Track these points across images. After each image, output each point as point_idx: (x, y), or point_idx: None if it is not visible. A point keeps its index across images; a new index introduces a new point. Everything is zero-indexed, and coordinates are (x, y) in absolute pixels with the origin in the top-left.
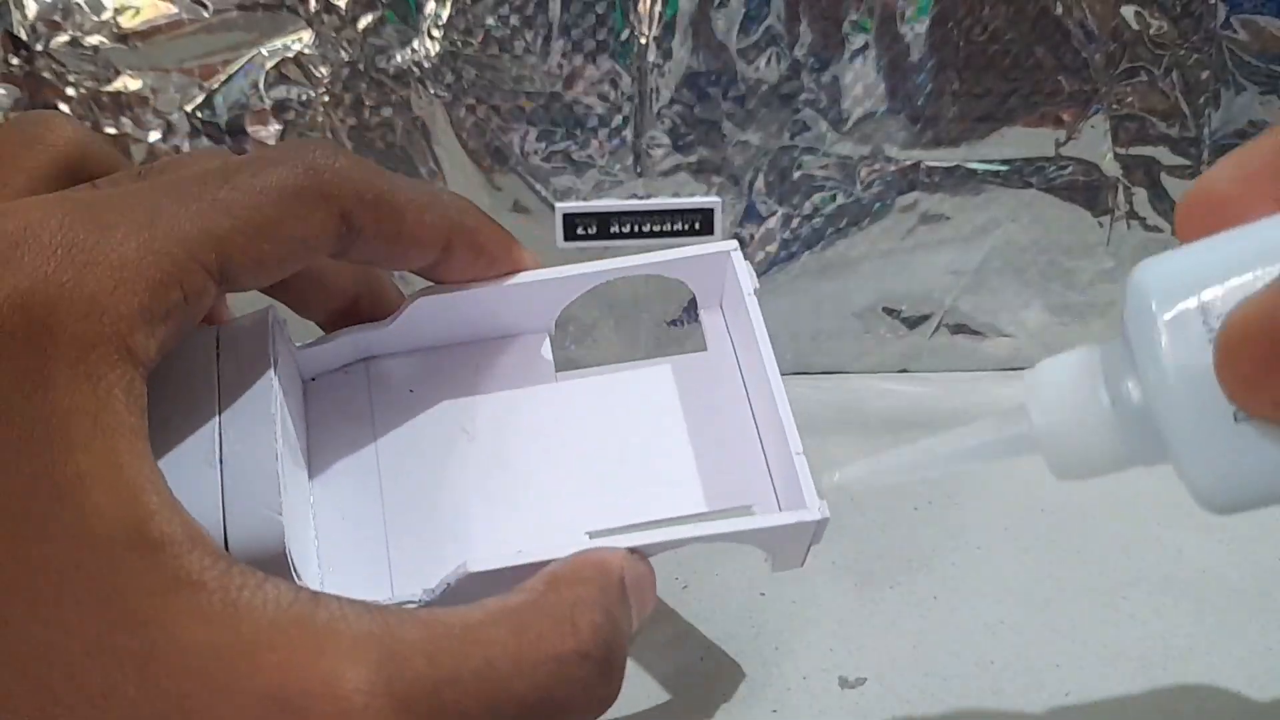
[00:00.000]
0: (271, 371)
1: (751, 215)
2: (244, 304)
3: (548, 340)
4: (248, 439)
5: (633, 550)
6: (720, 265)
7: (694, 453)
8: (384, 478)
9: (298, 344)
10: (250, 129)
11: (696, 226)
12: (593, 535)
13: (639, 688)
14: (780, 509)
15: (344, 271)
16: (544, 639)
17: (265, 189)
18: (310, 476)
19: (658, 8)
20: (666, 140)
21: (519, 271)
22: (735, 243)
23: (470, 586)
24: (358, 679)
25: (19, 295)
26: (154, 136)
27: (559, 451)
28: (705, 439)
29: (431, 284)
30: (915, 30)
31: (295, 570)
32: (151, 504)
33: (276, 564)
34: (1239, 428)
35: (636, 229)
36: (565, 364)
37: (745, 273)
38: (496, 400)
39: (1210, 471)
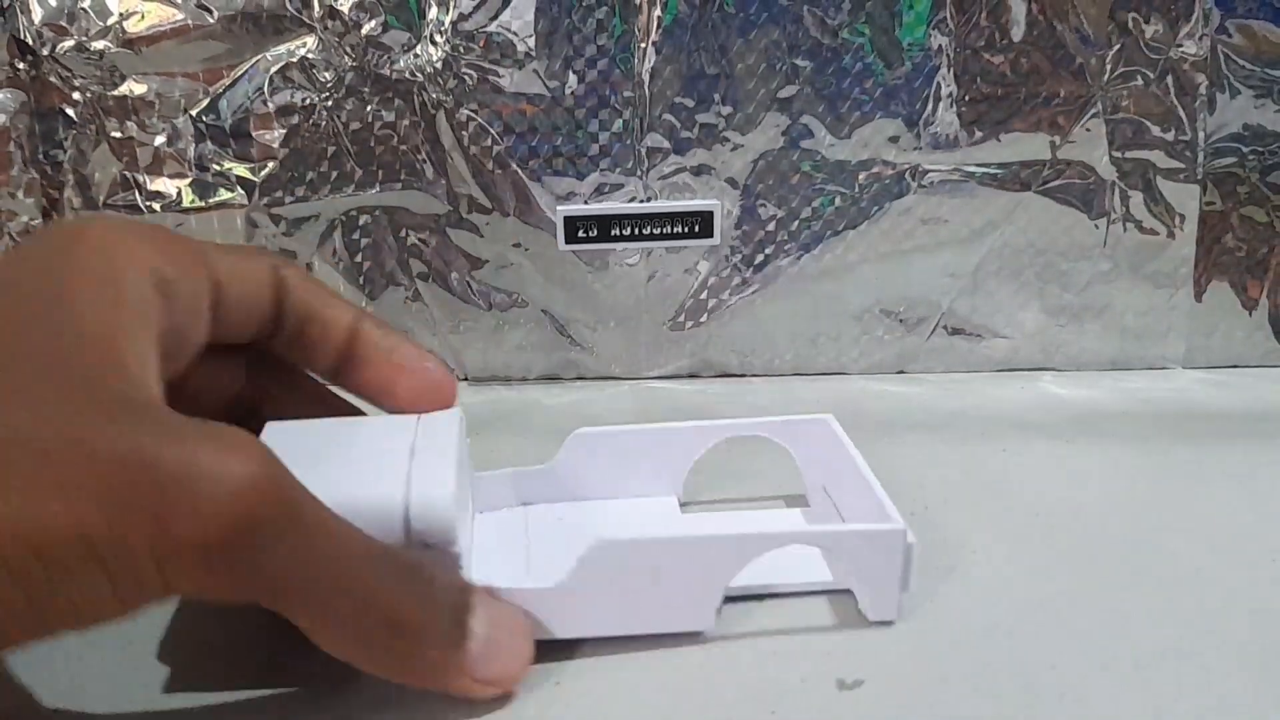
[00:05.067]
0: (457, 430)
1: (751, 218)
2: None
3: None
4: (433, 453)
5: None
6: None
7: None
8: (530, 546)
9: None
10: (255, 133)
11: (696, 229)
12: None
13: (637, 690)
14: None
15: (335, 325)
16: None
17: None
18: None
19: (657, 12)
20: (666, 144)
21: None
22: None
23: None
24: (251, 460)
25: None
26: (159, 140)
27: None
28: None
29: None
30: (913, 35)
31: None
32: (125, 346)
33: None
34: None
35: (637, 231)
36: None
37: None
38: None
39: None
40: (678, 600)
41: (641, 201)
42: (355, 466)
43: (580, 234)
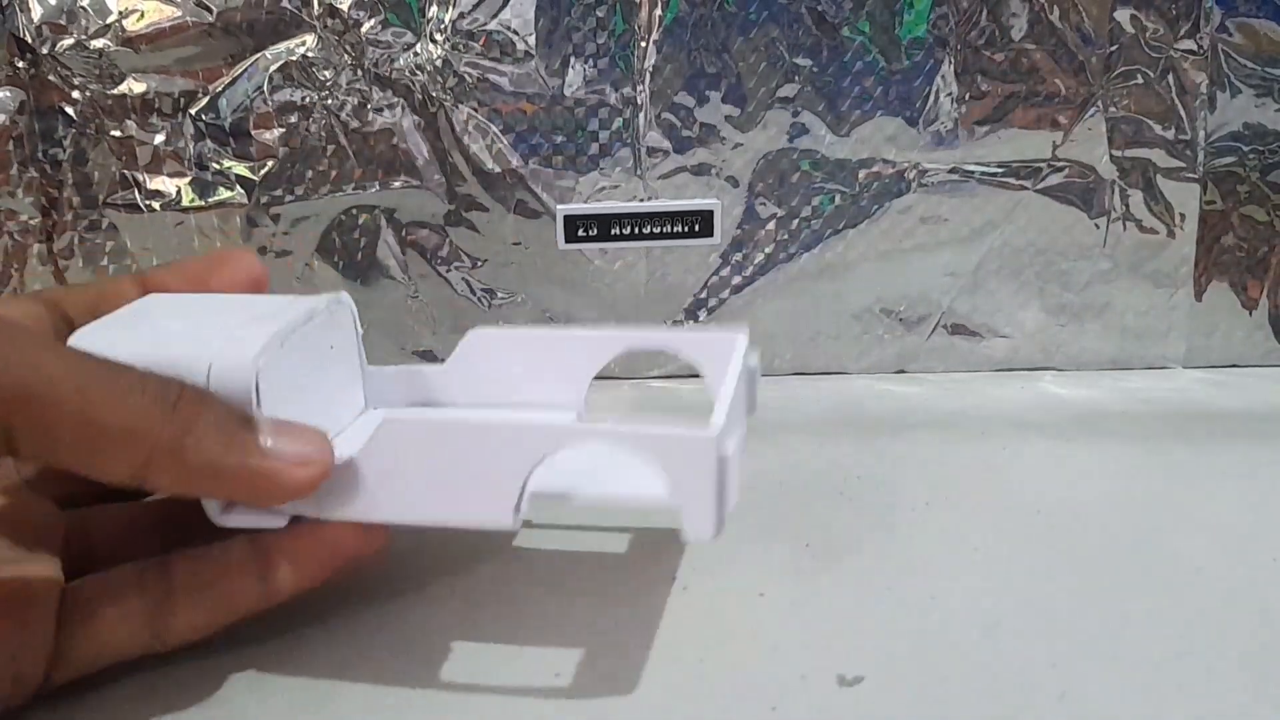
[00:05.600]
0: (312, 305)
1: (750, 217)
2: None
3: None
4: (271, 321)
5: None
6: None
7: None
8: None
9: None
10: (254, 132)
11: (696, 228)
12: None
13: (637, 685)
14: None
15: None
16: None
17: None
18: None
19: (658, 11)
20: (666, 143)
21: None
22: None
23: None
24: None
25: None
26: (159, 139)
27: None
28: None
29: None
30: (913, 33)
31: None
32: None
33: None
34: None
35: (637, 231)
36: None
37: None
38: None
39: None
40: (475, 491)
41: (641, 201)
42: (186, 327)
43: (580, 233)
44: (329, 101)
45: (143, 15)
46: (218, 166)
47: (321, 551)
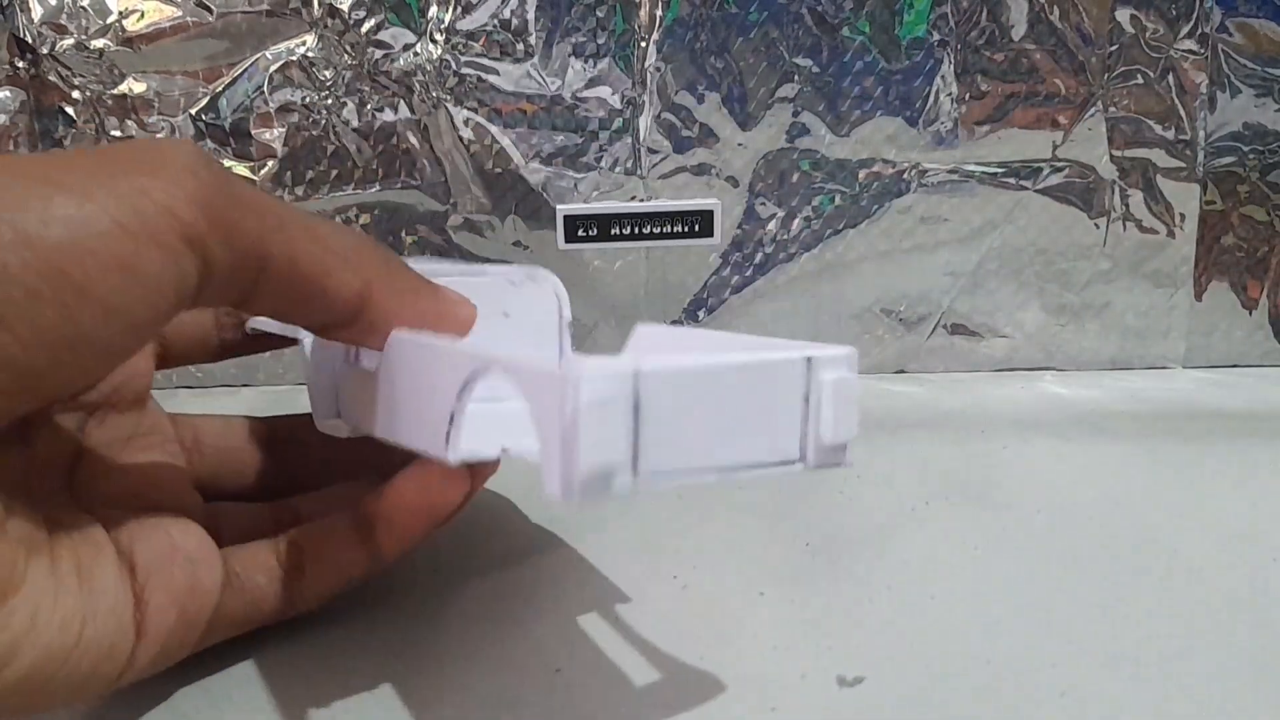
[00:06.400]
0: None
1: (750, 217)
2: None
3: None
4: None
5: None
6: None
7: None
8: None
9: None
10: (254, 132)
11: (696, 228)
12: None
13: (637, 681)
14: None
15: None
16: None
17: None
18: None
19: (658, 11)
20: (666, 143)
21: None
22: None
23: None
24: (180, 144)
25: None
26: (159, 139)
27: None
28: None
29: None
30: (912, 33)
31: None
32: None
33: None
34: None
35: (637, 230)
36: None
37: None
38: None
39: None
40: (422, 416)
41: (641, 201)
42: None
43: (580, 233)
44: (329, 101)
45: (143, 15)
46: None
47: (411, 515)
